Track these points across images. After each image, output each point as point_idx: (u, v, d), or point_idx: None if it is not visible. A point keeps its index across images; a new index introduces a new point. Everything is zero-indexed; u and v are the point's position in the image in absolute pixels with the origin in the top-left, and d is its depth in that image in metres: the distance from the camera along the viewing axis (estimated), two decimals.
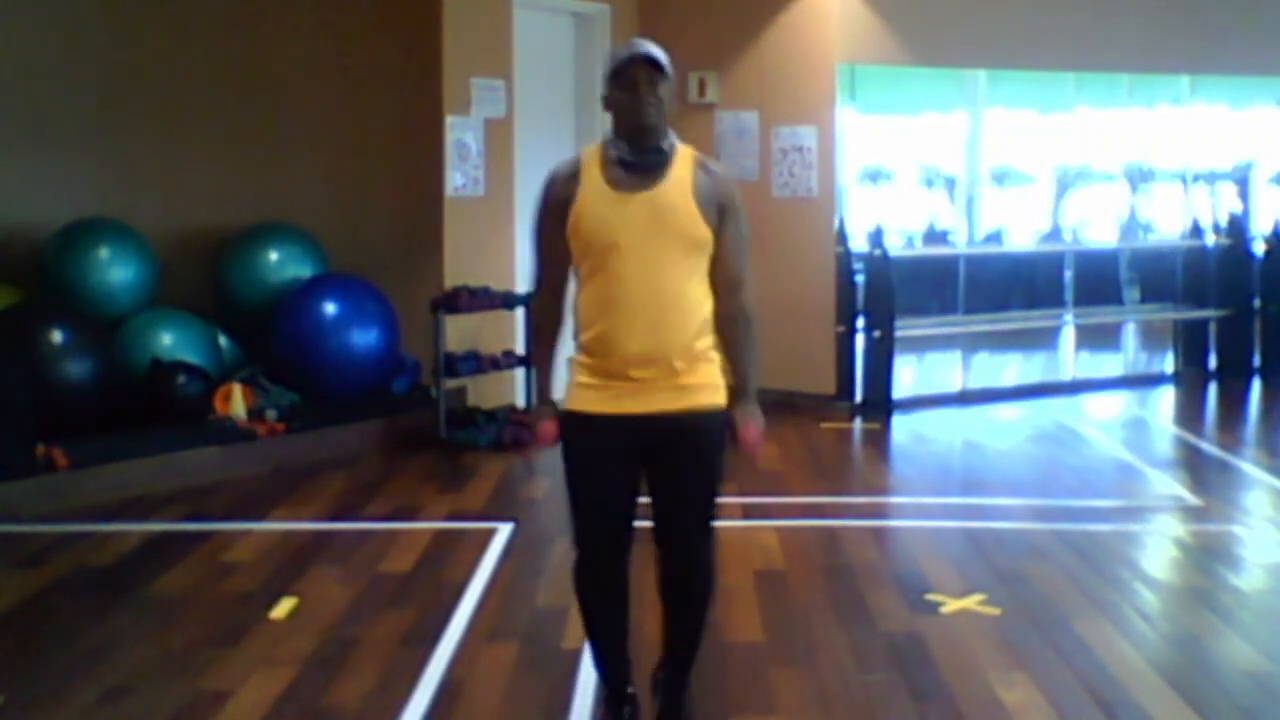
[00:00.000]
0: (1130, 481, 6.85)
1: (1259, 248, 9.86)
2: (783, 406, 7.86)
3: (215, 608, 4.78)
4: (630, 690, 3.61)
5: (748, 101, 8.69)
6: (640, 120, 3.25)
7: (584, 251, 3.31)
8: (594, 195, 3.28)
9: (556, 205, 3.33)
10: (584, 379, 3.36)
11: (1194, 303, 9.84)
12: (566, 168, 3.37)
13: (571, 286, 3.45)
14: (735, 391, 3.43)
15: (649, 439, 3.33)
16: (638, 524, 3.43)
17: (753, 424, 3.44)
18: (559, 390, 3.49)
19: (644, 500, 3.42)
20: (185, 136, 7.71)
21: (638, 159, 3.28)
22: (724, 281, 3.37)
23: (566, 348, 3.48)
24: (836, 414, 8.33)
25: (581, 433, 3.37)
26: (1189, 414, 9.00)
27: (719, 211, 3.31)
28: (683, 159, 3.32)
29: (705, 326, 3.35)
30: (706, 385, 3.35)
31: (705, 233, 3.29)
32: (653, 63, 3.23)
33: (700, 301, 3.34)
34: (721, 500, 3.50)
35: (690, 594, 3.48)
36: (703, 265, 3.33)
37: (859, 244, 8.61)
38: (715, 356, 3.39)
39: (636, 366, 3.28)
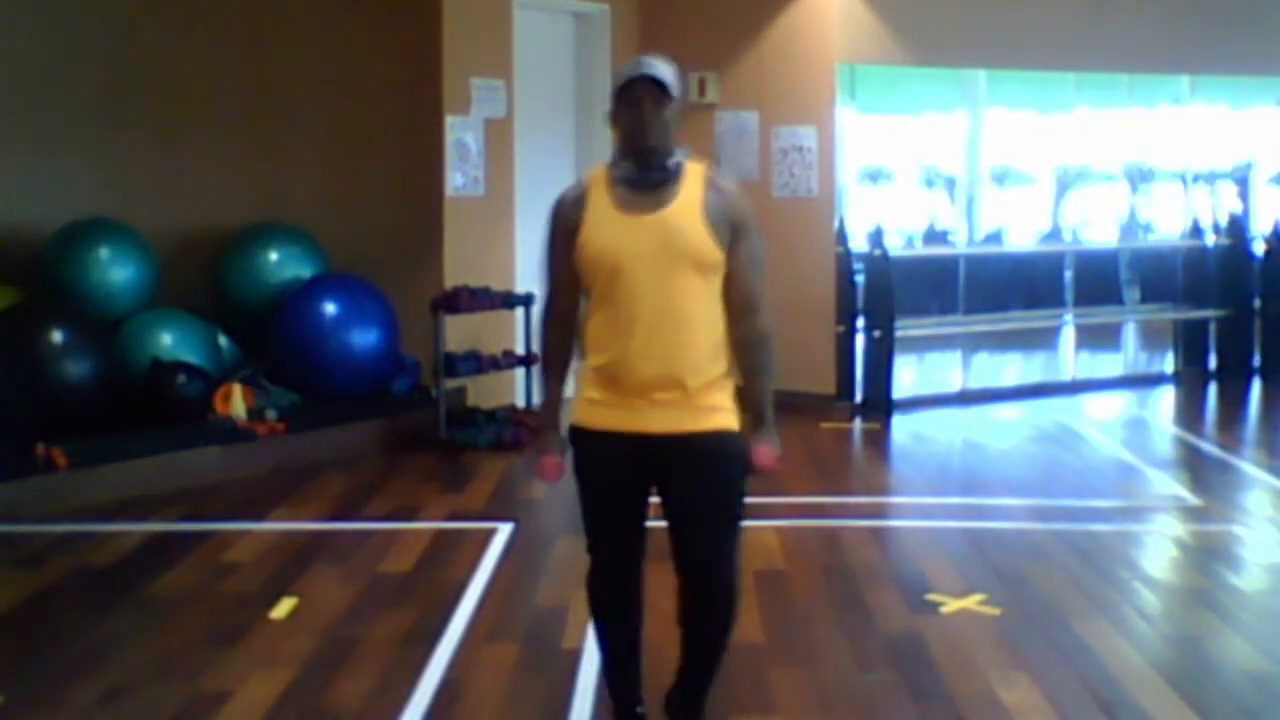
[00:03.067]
0: (1130, 481, 6.85)
1: (1259, 248, 9.86)
2: (783, 406, 7.81)
3: (215, 608, 4.78)
4: (640, 710, 3.55)
5: (748, 101, 8.69)
6: (642, 141, 3.18)
7: (593, 276, 3.24)
8: (600, 219, 3.22)
9: (564, 231, 3.27)
10: (593, 394, 3.30)
11: (1194, 303, 9.84)
12: (572, 192, 3.31)
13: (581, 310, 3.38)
14: (752, 417, 3.36)
15: (659, 459, 3.27)
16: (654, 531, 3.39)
17: (768, 448, 3.35)
18: (565, 420, 3.43)
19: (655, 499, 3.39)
20: (185, 136, 7.71)
21: (642, 177, 3.21)
22: (738, 303, 3.29)
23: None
24: (836, 414, 8.33)
25: (590, 447, 3.32)
26: (1189, 414, 9.00)
27: (731, 231, 3.23)
28: (692, 177, 3.24)
29: (719, 349, 3.28)
30: (719, 409, 3.28)
31: (715, 254, 3.21)
32: (656, 83, 3.17)
33: (713, 323, 3.26)
34: (741, 523, 3.42)
35: (708, 619, 3.40)
36: (715, 286, 3.25)
37: (859, 244, 8.60)
38: (729, 384, 3.32)
39: (649, 390, 3.22)
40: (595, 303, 3.28)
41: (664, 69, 3.20)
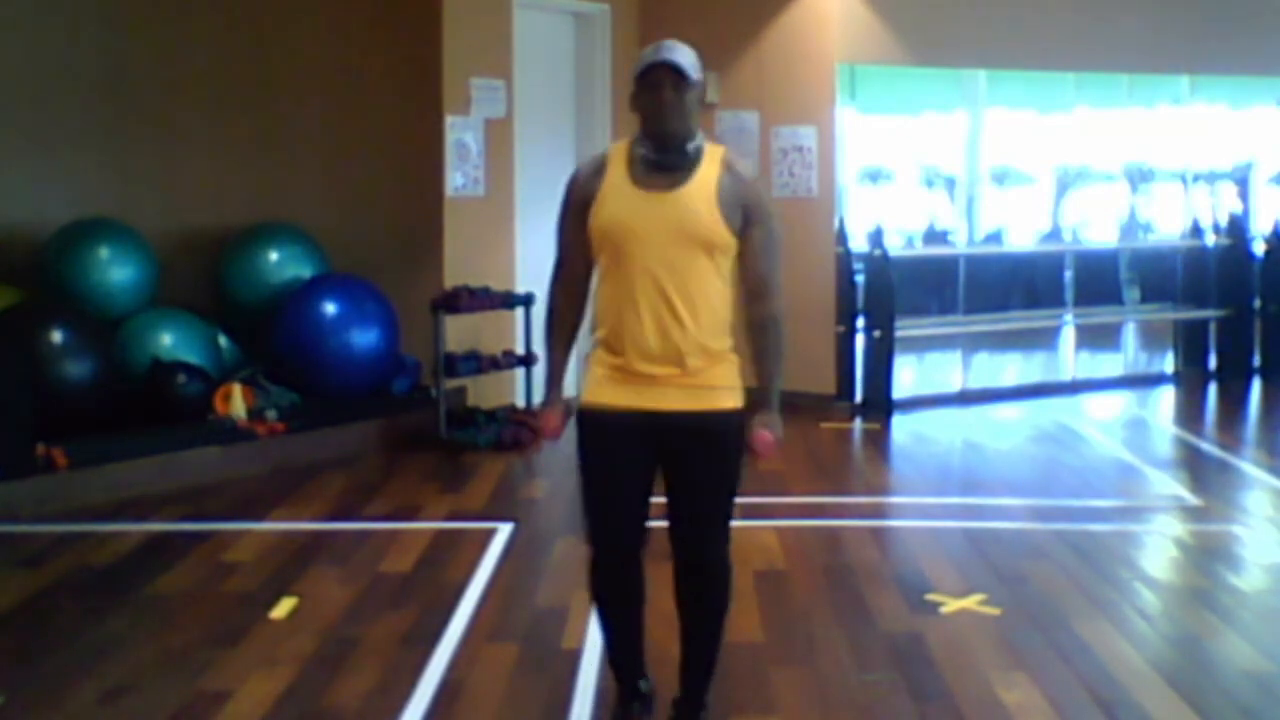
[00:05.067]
0: (1130, 481, 6.85)
1: (1259, 248, 9.86)
2: (783, 406, 7.83)
3: (215, 608, 4.78)
4: (643, 686, 3.60)
5: (748, 101, 8.69)
6: (661, 125, 3.24)
7: (602, 246, 3.31)
8: (616, 191, 3.28)
9: (579, 200, 3.34)
10: (601, 371, 3.35)
11: (1194, 303, 9.84)
12: (592, 163, 3.38)
13: (594, 281, 3.43)
14: (757, 398, 3.40)
15: (664, 437, 3.31)
16: (654, 527, 3.42)
17: (767, 431, 3.40)
18: (571, 384, 3.48)
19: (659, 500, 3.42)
20: (185, 136, 7.71)
21: (660, 159, 3.26)
22: (750, 287, 3.35)
23: (584, 343, 3.48)
24: (836, 414, 8.33)
25: (598, 425, 3.36)
26: (1189, 414, 9.00)
27: (743, 215, 3.28)
28: (710, 160, 3.29)
29: (724, 326, 3.33)
30: (723, 387, 3.33)
31: (726, 237, 3.27)
32: (676, 68, 3.21)
33: (720, 301, 3.31)
34: (735, 503, 3.47)
35: (704, 597, 3.45)
36: (725, 266, 3.31)
37: (859, 244, 8.60)
38: (734, 358, 3.37)
39: (651, 363, 3.27)
40: (603, 274, 3.35)
41: (684, 54, 3.25)
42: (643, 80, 3.24)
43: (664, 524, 3.43)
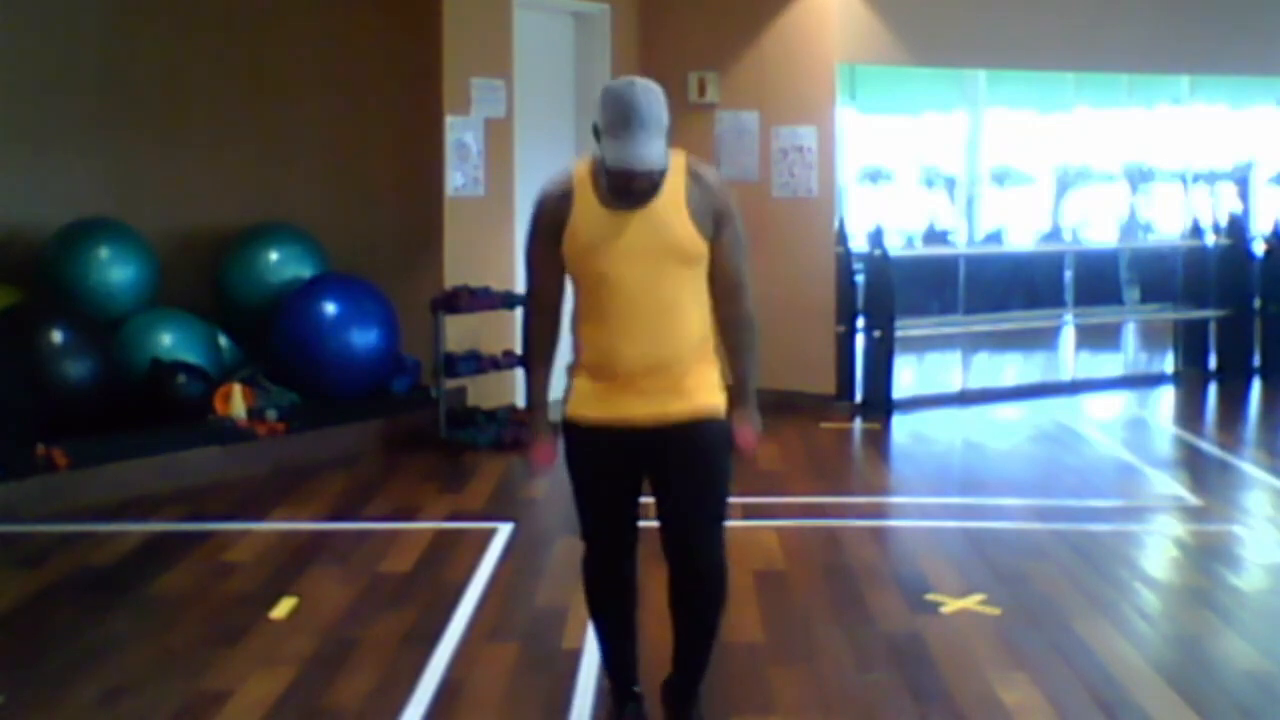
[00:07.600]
0: (1130, 481, 6.85)
1: (1259, 248, 9.86)
2: (783, 406, 7.84)
3: (215, 608, 4.78)
4: (636, 690, 3.62)
5: (748, 101, 8.69)
6: (633, 197, 3.21)
7: (580, 268, 3.30)
8: (587, 216, 3.26)
9: (549, 224, 3.31)
10: (583, 387, 3.37)
11: (1194, 303, 9.84)
12: (558, 186, 3.32)
13: (569, 299, 3.43)
14: (734, 396, 3.42)
15: (649, 444, 3.33)
16: (649, 529, 3.44)
17: (749, 428, 3.42)
18: (555, 401, 3.48)
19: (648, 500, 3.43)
20: (185, 136, 7.70)
21: (629, 193, 3.22)
22: (723, 288, 3.35)
23: (564, 355, 3.47)
24: (836, 414, 8.33)
25: (583, 440, 3.38)
26: (1189, 414, 9.00)
27: (714, 221, 3.29)
28: (675, 170, 3.27)
29: (705, 333, 3.35)
30: (705, 390, 3.34)
31: (701, 246, 3.28)
32: (649, 174, 3.17)
33: (699, 309, 3.33)
34: (729, 504, 3.47)
35: (699, 601, 3.45)
36: (701, 273, 3.32)
37: (859, 244, 8.61)
38: (715, 362, 3.39)
39: (638, 376, 3.28)
40: (583, 297, 3.35)
41: (651, 93, 3.17)
42: (612, 175, 3.18)
43: (659, 525, 3.43)
